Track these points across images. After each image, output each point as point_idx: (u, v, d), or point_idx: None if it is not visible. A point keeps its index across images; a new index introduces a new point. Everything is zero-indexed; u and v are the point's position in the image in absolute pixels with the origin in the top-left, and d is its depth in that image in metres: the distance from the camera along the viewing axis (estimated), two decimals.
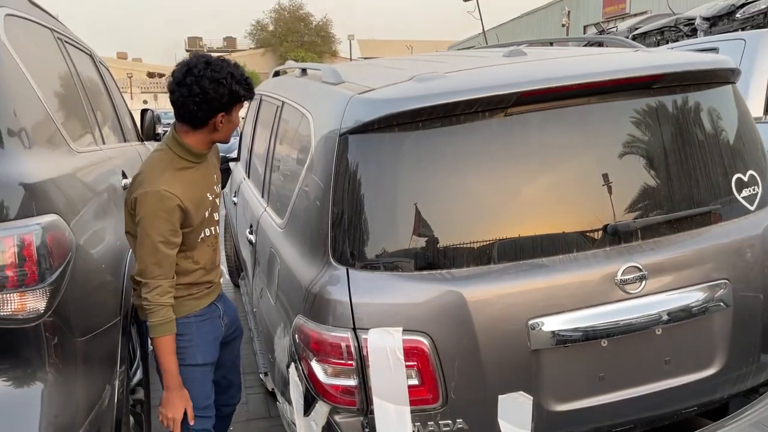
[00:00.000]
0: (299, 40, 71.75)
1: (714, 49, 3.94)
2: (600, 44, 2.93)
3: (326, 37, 74.44)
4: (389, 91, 1.94)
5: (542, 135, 1.92)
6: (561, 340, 1.82)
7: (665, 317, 1.88)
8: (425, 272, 1.83)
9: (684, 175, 1.99)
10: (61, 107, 2.28)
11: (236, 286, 5.26)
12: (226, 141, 2.21)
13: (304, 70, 2.92)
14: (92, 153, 2.48)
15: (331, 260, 1.88)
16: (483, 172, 1.88)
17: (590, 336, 1.84)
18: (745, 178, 2.09)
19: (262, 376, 3.35)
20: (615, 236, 1.90)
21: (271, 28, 74.37)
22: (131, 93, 50.40)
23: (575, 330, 1.82)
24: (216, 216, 2.29)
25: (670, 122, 2.01)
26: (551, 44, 3.28)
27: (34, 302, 1.55)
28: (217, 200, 2.30)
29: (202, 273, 2.24)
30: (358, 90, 2.01)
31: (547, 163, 1.92)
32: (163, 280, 2.04)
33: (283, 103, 2.85)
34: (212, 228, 2.26)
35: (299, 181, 2.22)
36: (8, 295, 1.53)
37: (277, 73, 3.78)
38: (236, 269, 5.01)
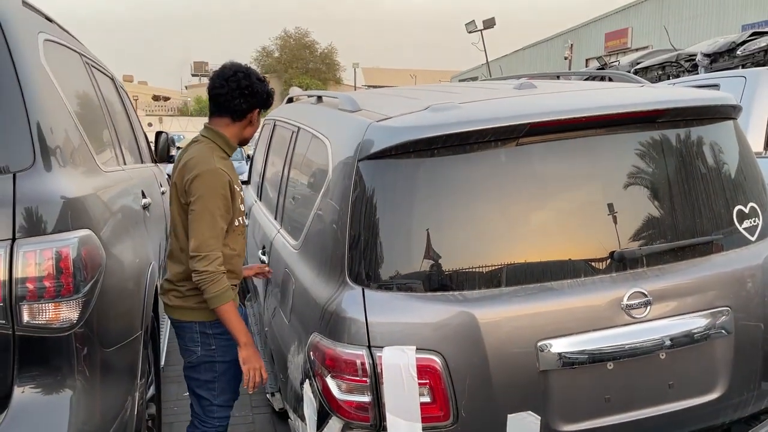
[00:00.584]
0: (304, 67, 72.48)
1: (715, 86, 4.06)
2: (605, 78, 3.03)
3: (331, 65, 75.21)
4: (406, 119, 2.04)
5: (552, 165, 2.01)
6: (568, 361, 1.89)
7: (669, 342, 1.95)
8: (438, 293, 1.90)
9: (687, 206, 2.08)
10: (91, 128, 2.38)
11: (241, 305, 5.30)
12: (247, 141, 2.53)
13: (319, 98, 3.03)
14: (116, 172, 2.58)
15: (348, 280, 1.96)
16: (494, 199, 1.97)
17: (597, 358, 1.91)
18: (746, 210, 2.18)
19: (268, 395, 3.39)
20: (621, 262, 1.97)
21: (276, 54, 75.19)
22: (137, 116, 50.80)
23: (582, 352, 1.89)
24: (242, 207, 2.51)
25: (674, 155, 2.10)
26: (558, 77, 3.40)
27: (68, 312, 1.63)
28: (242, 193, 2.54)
29: (238, 260, 2.48)
30: (376, 117, 2.10)
31: (556, 192, 2.00)
32: (219, 252, 2.26)
33: (299, 128, 2.95)
34: (242, 218, 2.49)
35: (316, 204, 2.30)
36: (45, 304, 1.61)
37: (290, 100, 3.90)
38: (241, 291, 5.06)
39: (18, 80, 1.71)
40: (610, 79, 2.93)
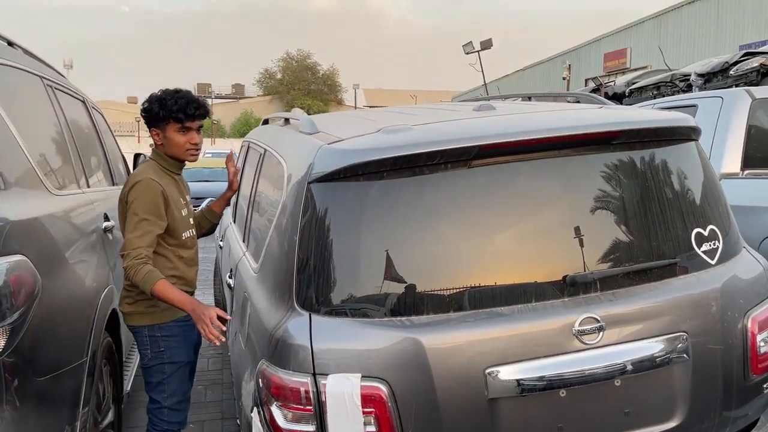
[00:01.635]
0: (306, 88, 73.01)
1: (693, 106, 4.04)
2: (578, 100, 3.01)
3: (333, 86, 75.75)
4: (356, 142, 2.02)
5: (504, 188, 1.98)
6: (518, 388, 1.84)
7: (624, 368, 1.90)
8: (386, 319, 1.86)
9: (644, 229, 2.04)
10: (43, 152, 2.35)
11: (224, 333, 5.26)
12: (179, 156, 2.67)
13: (287, 120, 3.01)
14: (72, 195, 2.55)
15: (296, 305, 1.92)
16: (445, 223, 1.93)
17: (548, 386, 1.86)
18: (706, 233, 2.13)
19: (239, 421, 3.33)
20: (573, 287, 1.93)
21: (279, 76, 75.77)
22: (139, 137, 51.05)
23: (532, 379, 1.84)
24: (192, 221, 2.79)
25: (631, 177, 2.07)
26: (530, 98, 3.38)
27: None
28: (190, 208, 2.80)
29: (188, 268, 2.71)
30: (329, 140, 2.08)
31: (508, 214, 1.97)
32: (142, 249, 2.40)
33: (265, 150, 2.93)
34: (191, 230, 2.75)
35: (272, 226, 2.27)
36: None
37: (266, 122, 3.88)
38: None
39: None
40: (578, 101, 2.90)
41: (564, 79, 29.28)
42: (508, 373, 1.83)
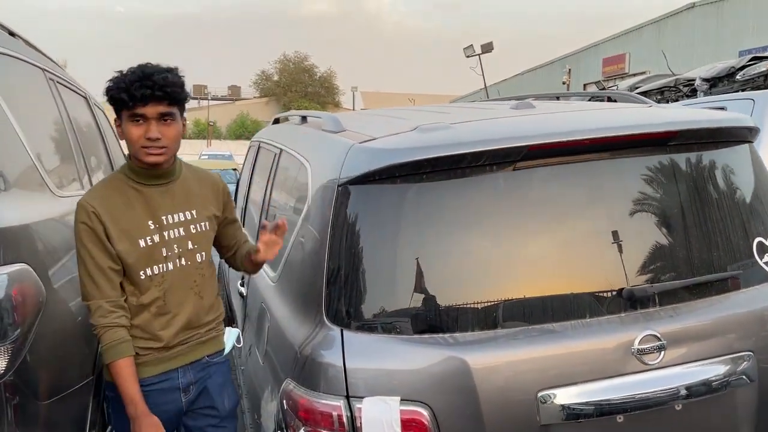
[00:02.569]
0: (303, 90, 72.99)
1: (722, 108, 3.88)
2: (610, 99, 2.85)
3: (330, 89, 75.76)
4: (392, 140, 1.84)
5: (554, 191, 1.81)
6: (573, 414, 1.67)
7: (685, 391, 1.73)
8: (426, 335, 1.69)
9: (702, 238, 1.87)
10: (46, 150, 2.17)
11: None
12: (138, 158, 1.89)
13: (304, 118, 2.84)
14: (77, 198, 2.37)
15: (325, 319, 1.74)
16: (490, 229, 1.76)
17: (605, 411, 1.68)
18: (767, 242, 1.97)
19: None
20: (631, 301, 1.76)
21: (275, 78, 75.71)
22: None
23: (589, 404, 1.67)
24: (169, 254, 1.95)
25: (687, 181, 1.90)
26: (557, 98, 3.22)
27: None
28: (171, 234, 1.96)
29: (153, 318, 1.94)
30: (359, 139, 1.91)
31: (558, 222, 1.80)
32: (102, 300, 1.83)
33: (281, 150, 2.76)
34: (159, 266, 1.93)
35: (294, 232, 2.10)
36: None
37: (276, 120, 3.70)
38: (228, 320, 4.84)
39: None
40: (612, 100, 2.74)
41: (564, 83, 29.18)
42: (563, 397, 1.66)
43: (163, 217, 1.94)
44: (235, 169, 14.54)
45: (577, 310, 1.74)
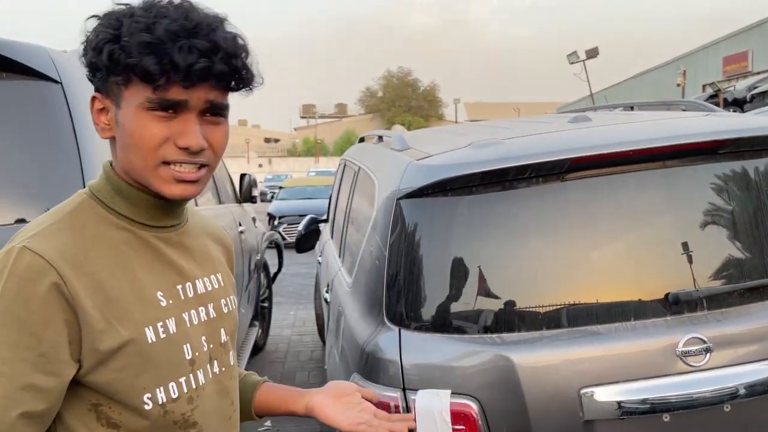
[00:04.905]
0: (407, 104, 73.93)
1: None
2: (684, 109, 2.86)
3: (433, 102, 76.21)
4: (446, 157, 2.02)
5: (600, 201, 1.91)
6: (617, 411, 1.75)
7: (734, 393, 1.76)
8: (476, 335, 1.84)
9: (753, 243, 1.89)
10: None
11: (324, 343, 5.40)
12: (146, 184, 1.04)
13: (380, 137, 3.07)
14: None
15: (386, 320, 1.94)
16: (537, 237, 1.89)
17: (649, 409, 1.75)
18: None
19: None
20: (677, 305, 1.82)
21: (380, 94, 77.18)
22: (248, 157, 53.74)
23: (632, 401, 1.75)
24: (196, 355, 1.10)
25: (737, 188, 1.93)
26: (632, 108, 3.25)
27: None
28: (193, 317, 1.11)
29: None
30: (417, 156, 2.10)
31: (603, 229, 1.89)
32: None
33: (359, 168, 3.00)
34: (183, 381, 1.07)
35: (364, 242, 2.32)
36: None
37: (362, 139, 3.98)
38: (321, 328, 5.16)
39: (75, 133, 1.86)
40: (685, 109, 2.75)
41: (678, 85, 27.76)
42: (604, 394, 1.75)
43: (179, 287, 1.10)
44: None
45: (622, 314, 1.82)
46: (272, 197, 15.24)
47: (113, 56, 0.95)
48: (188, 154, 1.00)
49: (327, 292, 3.16)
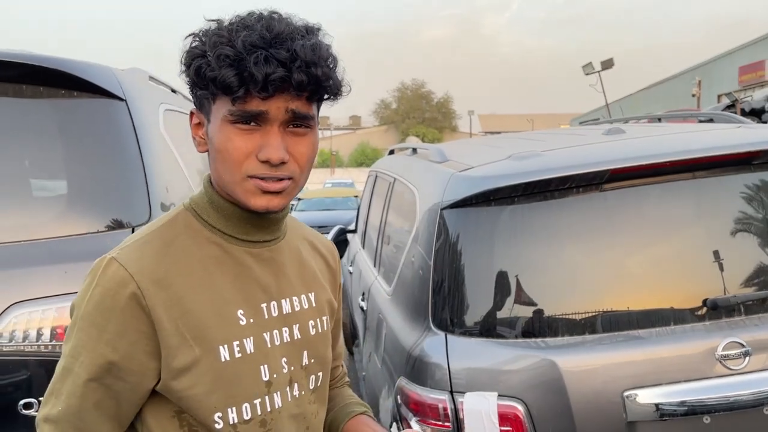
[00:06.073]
0: (421, 116, 74.13)
1: None
2: (711, 119, 2.93)
3: (447, 113, 76.36)
4: (487, 168, 2.11)
5: (639, 210, 1.99)
6: (658, 412, 1.82)
7: None
8: (520, 340, 1.91)
9: None
10: (194, 177, 2.65)
11: (351, 354, 5.46)
12: (236, 194, 1.03)
13: (414, 150, 3.16)
14: None
15: (432, 326, 2.02)
16: (578, 245, 1.97)
17: (690, 411, 1.82)
18: None
19: None
20: (715, 310, 1.89)
21: (394, 106, 77.47)
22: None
23: (673, 403, 1.81)
24: (274, 377, 1.09)
25: None
26: (659, 120, 3.32)
27: None
28: (275, 337, 1.10)
29: None
30: (459, 168, 2.19)
31: (642, 237, 1.97)
32: None
33: (395, 179, 3.09)
34: (258, 402, 1.06)
35: (405, 251, 2.40)
36: None
37: (392, 152, 4.07)
38: (350, 336, 5.23)
39: (139, 148, 1.97)
40: (712, 120, 2.82)
41: (693, 95, 27.66)
42: (647, 396, 1.81)
43: (264, 306, 1.10)
44: (356, 196, 15.25)
45: (662, 319, 1.89)
46: (291, 209, 15.30)
47: (200, 71, 0.98)
48: (269, 167, 1.00)
49: (363, 300, 3.24)
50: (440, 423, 1.90)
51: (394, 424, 2.10)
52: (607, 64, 24.20)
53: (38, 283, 1.78)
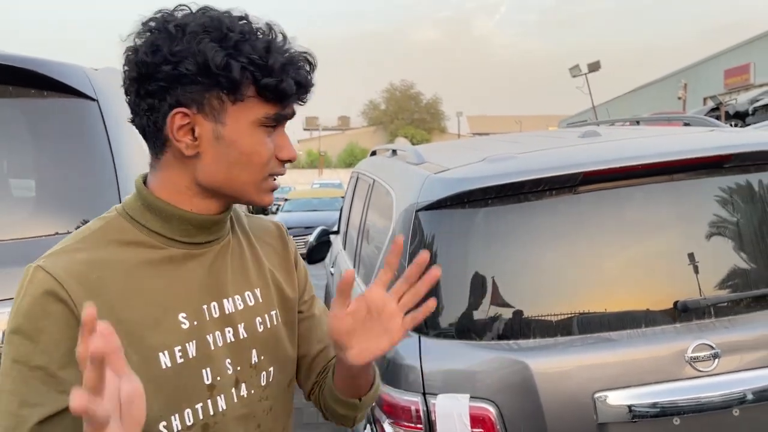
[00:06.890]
0: (409, 117, 74.23)
1: None
2: (688, 123, 2.95)
3: (435, 114, 76.51)
4: (462, 171, 2.11)
5: (612, 213, 2.00)
6: (629, 414, 1.83)
7: (742, 397, 1.84)
8: (493, 342, 1.92)
9: (758, 253, 1.97)
10: None
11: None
12: (249, 194, 1.03)
13: (394, 151, 3.16)
14: None
15: None
16: (553, 247, 1.97)
17: (660, 412, 1.83)
18: None
19: None
20: (686, 313, 1.90)
21: (382, 106, 77.52)
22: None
23: (644, 405, 1.82)
24: (217, 380, 1.05)
25: (743, 200, 2.02)
26: (638, 123, 3.34)
27: None
28: (218, 338, 1.06)
29: None
30: (435, 170, 2.19)
31: (615, 240, 1.98)
32: None
33: (374, 180, 3.09)
34: (199, 407, 1.03)
35: (382, 252, 2.40)
36: None
37: (374, 153, 4.07)
38: None
39: (110, 148, 1.95)
40: (688, 124, 2.85)
41: (679, 98, 27.90)
42: (617, 398, 1.82)
43: (205, 307, 1.05)
44: (344, 197, 15.24)
45: (633, 321, 1.90)
46: (277, 209, 15.26)
47: (231, 71, 0.94)
48: (283, 166, 1.06)
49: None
50: (413, 425, 1.89)
51: (368, 426, 2.10)
52: (594, 67, 24.39)
53: (4, 285, 1.76)
